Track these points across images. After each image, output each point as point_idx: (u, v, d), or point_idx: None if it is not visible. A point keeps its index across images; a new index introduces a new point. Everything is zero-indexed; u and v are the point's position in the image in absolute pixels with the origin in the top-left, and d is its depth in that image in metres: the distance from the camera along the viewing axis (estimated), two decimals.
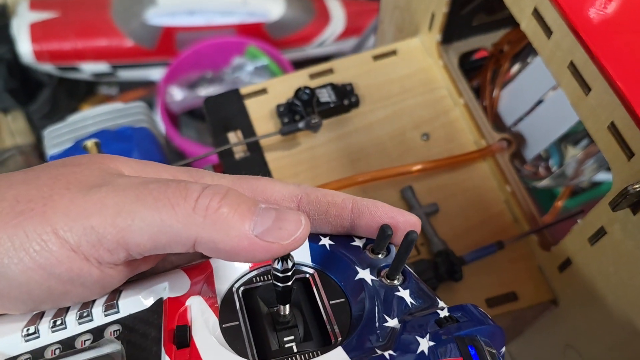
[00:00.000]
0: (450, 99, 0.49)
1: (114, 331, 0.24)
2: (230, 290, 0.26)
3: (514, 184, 0.45)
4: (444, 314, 0.24)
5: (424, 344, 0.23)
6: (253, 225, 0.22)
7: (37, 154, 0.97)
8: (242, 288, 0.27)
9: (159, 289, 0.25)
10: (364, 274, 0.26)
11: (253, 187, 0.27)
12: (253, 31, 0.99)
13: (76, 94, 1.05)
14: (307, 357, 0.24)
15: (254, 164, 0.44)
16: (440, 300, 0.26)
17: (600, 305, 0.38)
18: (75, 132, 0.48)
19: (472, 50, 0.54)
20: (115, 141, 0.46)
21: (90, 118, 0.48)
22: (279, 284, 0.24)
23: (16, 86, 0.98)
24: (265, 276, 0.27)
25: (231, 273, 0.27)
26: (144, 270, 0.26)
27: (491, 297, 0.42)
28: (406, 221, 0.27)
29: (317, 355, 0.23)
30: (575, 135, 0.60)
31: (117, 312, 0.25)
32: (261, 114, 0.47)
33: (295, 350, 0.25)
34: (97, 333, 0.24)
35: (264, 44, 0.98)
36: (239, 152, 0.45)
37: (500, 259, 0.43)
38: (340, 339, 0.25)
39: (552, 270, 0.42)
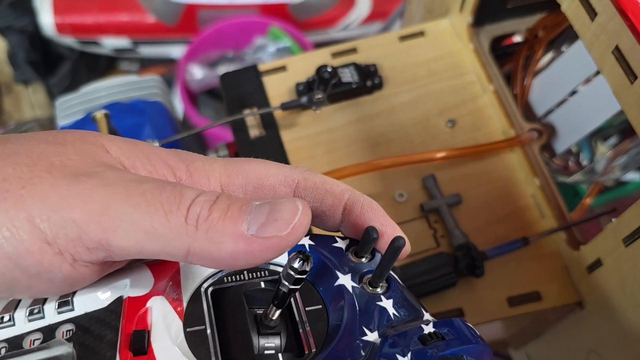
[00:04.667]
0: (479, 85, 0.47)
1: (66, 331, 0.22)
2: (198, 290, 0.24)
3: (543, 177, 0.43)
4: (428, 329, 0.22)
5: None
6: (247, 225, 0.20)
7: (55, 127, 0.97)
8: (210, 288, 0.24)
9: (119, 286, 0.23)
10: (345, 280, 0.24)
11: (246, 171, 0.25)
12: (276, 11, 0.97)
13: (96, 68, 1.04)
14: None
15: (269, 143, 0.42)
16: (427, 311, 0.24)
17: (631, 311, 0.36)
18: (87, 103, 0.46)
19: (504, 35, 0.51)
20: (127, 114, 0.44)
21: (103, 90, 0.46)
22: (287, 284, 0.22)
23: (37, 58, 0.97)
24: (237, 276, 0.25)
25: (200, 271, 0.25)
26: (117, 268, 0.24)
27: (513, 296, 0.40)
28: (393, 235, 0.25)
29: None
30: (606, 131, 0.57)
31: (72, 309, 0.23)
32: (279, 92, 0.45)
33: (280, 359, 0.23)
34: (48, 332, 0.22)
35: (287, 25, 0.96)
36: (254, 130, 0.43)
37: (524, 256, 0.41)
38: (314, 350, 0.23)
39: (580, 270, 0.39)
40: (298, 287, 0.22)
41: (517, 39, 0.52)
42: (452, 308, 0.39)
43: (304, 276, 0.22)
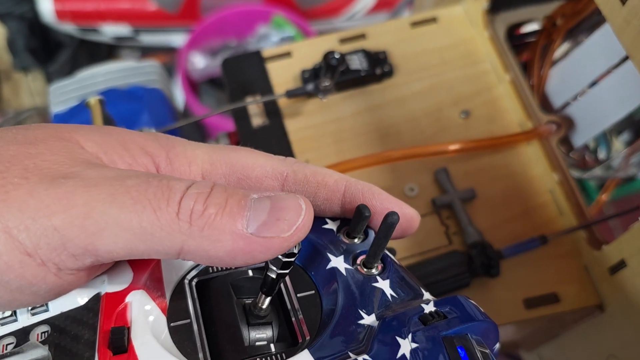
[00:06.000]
0: (494, 74, 0.44)
1: (41, 333, 0.21)
2: (181, 282, 0.23)
3: (561, 172, 0.40)
4: (429, 308, 0.21)
5: (405, 347, 0.19)
6: (247, 222, 0.19)
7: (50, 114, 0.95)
8: (195, 279, 0.23)
9: (97, 283, 0.22)
10: (337, 262, 0.23)
11: (231, 160, 0.23)
12: (280, 0, 0.95)
13: (97, 56, 1.01)
14: None
15: (273, 133, 0.40)
16: (426, 291, 0.23)
17: None
18: (83, 89, 0.44)
19: (520, 23, 0.49)
20: (124, 101, 0.42)
21: (100, 75, 0.44)
22: (275, 269, 0.21)
23: (37, 46, 0.95)
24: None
25: (183, 262, 0.23)
26: (105, 269, 0.22)
27: (530, 298, 0.37)
28: (403, 214, 0.24)
29: (277, 357, 0.21)
30: (620, 125, 0.55)
31: (46, 310, 0.21)
32: (284, 79, 0.43)
33: (273, 350, 0.21)
34: (22, 335, 0.21)
35: (291, 14, 0.94)
36: (257, 119, 0.41)
37: (542, 255, 0.38)
38: (308, 338, 0.22)
39: (602, 272, 0.37)
40: (287, 271, 0.21)
41: (535, 27, 0.49)
42: None
43: (293, 259, 0.20)
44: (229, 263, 0.19)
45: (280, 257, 0.20)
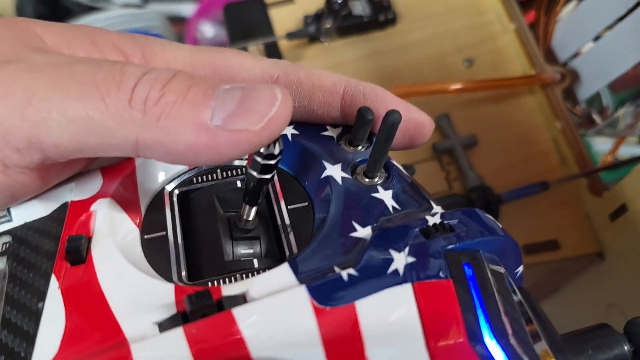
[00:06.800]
0: (499, 24, 0.44)
1: (2, 244, 0.19)
2: (160, 192, 0.21)
3: (564, 120, 0.40)
4: (434, 220, 0.18)
5: (400, 261, 0.16)
6: (211, 113, 0.16)
7: None
8: (176, 190, 0.21)
9: (64, 191, 0.20)
10: (333, 170, 0.20)
11: (216, 62, 0.21)
12: None
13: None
14: (245, 277, 0.18)
15: None
16: (438, 205, 0.20)
17: None
18: None
19: None
20: None
21: (100, 21, 0.44)
22: (254, 174, 0.18)
23: (46, 13, 0.95)
24: (209, 175, 0.22)
25: (162, 171, 0.21)
26: (70, 175, 0.20)
27: (530, 244, 0.37)
28: (411, 119, 0.21)
29: (260, 273, 0.18)
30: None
31: (9, 220, 0.20)
32: (286, 25, 0.42)
33: (255, 265, 0.19)
34: None
35: None
36: None
37: (543, 201, 0.38)
38: (296, 252, 0.19)
39: (602, 218, 0.37)
40: (268, 177, 0.18)
41: None
42: None
43: (273, 162, 0.18)
44: (192, 160, 0.17)
45: (259, 159, 0.18)
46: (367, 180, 0.20)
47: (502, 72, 0.42)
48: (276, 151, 0.17)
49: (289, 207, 0.20)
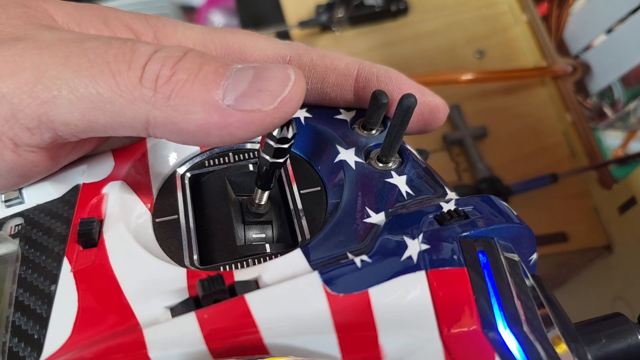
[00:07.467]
0: (511, 15, 0.44)
1: (14, 226, 0.19)
2: (172, 175, 0.20)
3: (575, 113, 0.40)
4: (449, 207, 0.18)
5: (414, 248, 0.16)
6: (223, 93, 0.16)
7: None
8: (188, 173, 0.21)
9: (76, 173, 0.20)
10: (347, 155, 0.20)
11: (227, 41, 0.21)
12: None
13: None
14: (257, 262, 0.18)
15: None
16: (453, 191, 0.20)
17: None
18: None
19: None
20: None
21: None
22: (267, 158, 0.18)
23: None
24: (221, 159, 0.21)
25: (174, 153, 0.21)
26: (81, 155, 0.20)
27: (538, 236, 0.37)
28: (425, 102, 0.21)
29: (272, 258, 0.18)
30: None
31: (21, 202, 0.19)
32: (298, 13, 0.42)
33: (268, 250, 0.19)
34: None
35: None
36: None
37: (552, 194, 0.38)
38: (308, 237, 0.19)
39: (611, 211, 0.37)
40: (281, 161, 0.18)
41: None
42: None
43: (286, 145, 0.17)
44: (203, 140, 0.17)
45: (272, 143, 0.17)
46: (381, 165, 0.20)
47: (513, 63, 0.42)
48: (289, 135, 0.17)
49: (301, 191, 0.20)
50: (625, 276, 0.38)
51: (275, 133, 0.17)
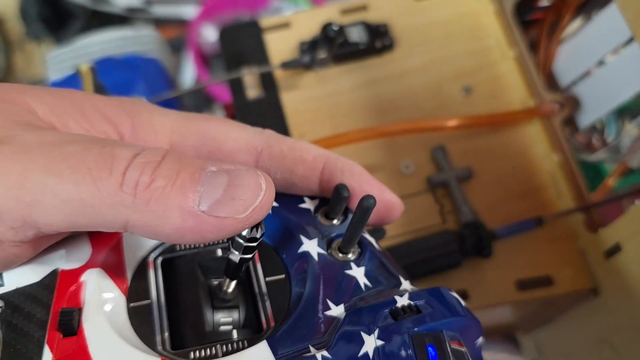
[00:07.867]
0: (498, 50, 0.43)
1: None
2: (145, 260, 0.22)
3: (562, 153, 0.39)
4: (402, 302, 0.19)
5: (370, 344, 0.18)
6: (198, 199, 0.17)
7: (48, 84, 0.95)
8: (160, 258, 0.22)
9: (55, 257, 0.21)
10: (310, 246, 0.21)
11: (203, 131, 0.22)
12: None
13: (108, 28, 1.01)
14: (227, 350, 0.19)
15: (268, 105, 0.40)
16: (407, 279, 0.22)
17: None
18: (80, 57, 0.44)
19: None
20: (119, 70, 0.42)
21: (97, 44, 0.44)
22: (236, 253, 0.19)
23: (49, 15, 0.95)
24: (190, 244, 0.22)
25: (146, 239, 0.22)
26: (59, 240, 0.21)
27: (523, 279, 0.37)
28: (383, 200, 0.23)
29: (241, 348, 0.19)
30: (636, 109, 0.53)
31: (1, 284, 0.20)
32: (281, 50, 0.42)
33: (235, 336, 0.20)
34: None
35: None
36: (253, 91, 0.40)
37: (537, 237, 0.38)
38: (273, 325, 0.20)
39: (597, 255, 0.36)
40: (249, 256, 0.19)
41: (544, 2, 0.48)
42: (456, 289, 0.37)
43: (255, 244, 0.19)
44: (177, 240, 0.18)
45: (240, 241, 0.19)
46: (341, 255, 0.21)
47: (500, 101, 0.41)
48: (258, 235, 0.19)
49: (267, 278, 0.21)
50: (610, 320, 0.37)
51: (244, 233, 0.18)
